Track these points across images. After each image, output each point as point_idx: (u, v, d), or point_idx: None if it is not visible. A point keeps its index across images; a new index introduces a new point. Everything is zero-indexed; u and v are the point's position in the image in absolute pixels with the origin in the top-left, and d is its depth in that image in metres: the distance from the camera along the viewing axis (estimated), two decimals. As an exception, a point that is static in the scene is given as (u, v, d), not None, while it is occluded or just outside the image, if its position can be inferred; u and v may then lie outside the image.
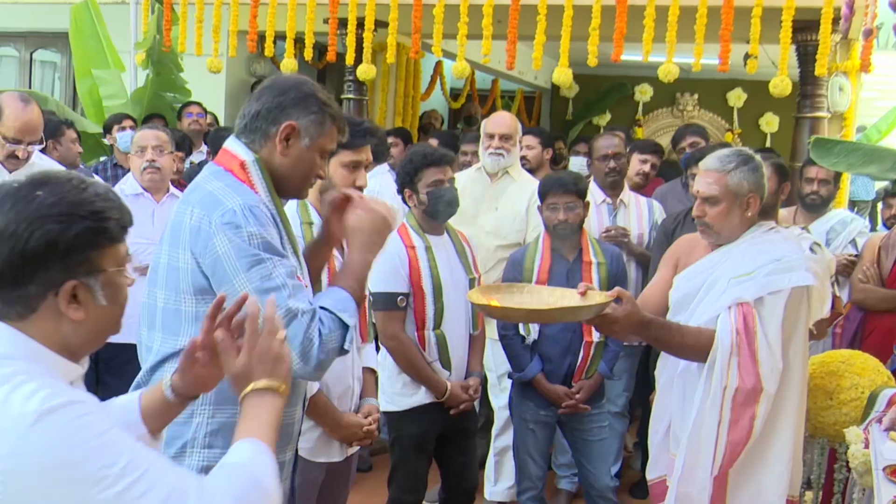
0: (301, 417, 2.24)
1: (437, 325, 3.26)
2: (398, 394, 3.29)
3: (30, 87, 8.64)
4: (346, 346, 2.01)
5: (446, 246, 3.37)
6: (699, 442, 2.64)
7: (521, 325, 3.57)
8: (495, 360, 4.16)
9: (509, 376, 3.76)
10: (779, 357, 2.62)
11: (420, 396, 3.26)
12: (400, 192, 3.38)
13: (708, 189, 2.72)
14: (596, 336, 3.47)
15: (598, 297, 2.67)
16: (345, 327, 1.98)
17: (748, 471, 2.67)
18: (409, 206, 3.36)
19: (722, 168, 2.71)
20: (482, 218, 4.27)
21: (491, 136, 4.31)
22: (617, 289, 2.64)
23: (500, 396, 4.24)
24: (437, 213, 3.27)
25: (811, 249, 3.28)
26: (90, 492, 1.24)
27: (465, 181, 4.36)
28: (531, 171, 4.85)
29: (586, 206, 3.59)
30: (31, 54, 8.94)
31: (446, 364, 3.27)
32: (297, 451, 2.27)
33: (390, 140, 5.34)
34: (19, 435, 1.23)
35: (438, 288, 3.23)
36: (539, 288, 2.98)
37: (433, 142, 5.51)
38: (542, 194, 3.59)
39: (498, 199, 4.30)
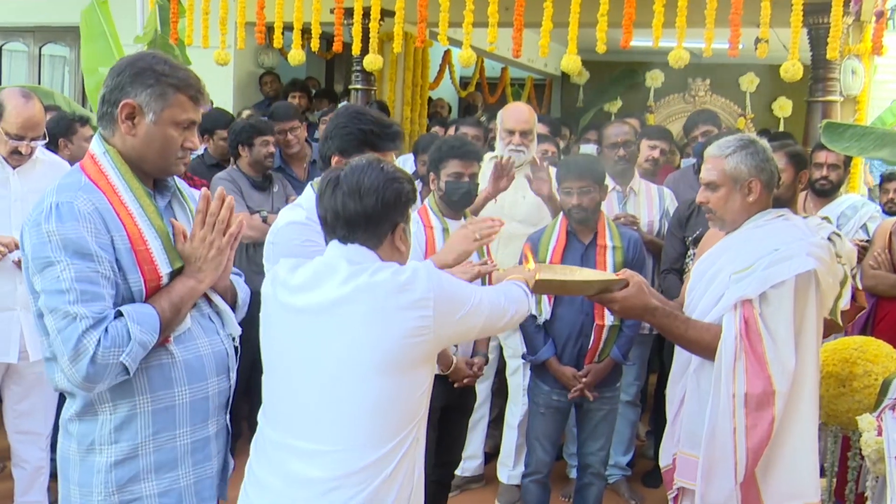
0: (225, 389, 2.18)
1: None
2: None
3: (39, 82, 8.68)
4: (124, 362, 1.91)
5: None
6: (715, 451, 2.58)
7: (533, 305, 3.57)
8: (523, 347, 4.16)
9: (523, 357, 3.79)
10: (789, 354, 2.54)
11: None
12: (426, 174, 3.55)
13: (707, 175, 2.72)
14: (609, 320, 3.48)
15: (610, 276, 2.76)
16: (129, 340, 1.91)
17: (774, 467, 2.59)
18: (432, 189, 3.50)
19: (720, 153, 2.70)
20: (510, 208, 4.24)
21: (511, 133, 4.25)
22: (627, 271, 2.67)
23: (520, 380, 4.25)
24: (451, 203, 3.43)
25: (829, 239, 3.22)
26: (464, 307, 2.06)
27: (484, 169, 4.32)
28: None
29: (604, 189, 3.61)
30: (40, 49, 8.96)
31: None
32: (227, 425, 2.24)
33: (464, 130, 5.32)
34: (430, 283, 1.99)
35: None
36: (575, 269, 2.99)
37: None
38: (559, 178, 3.64)
39: (523, 187, 4.24)
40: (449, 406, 3.38)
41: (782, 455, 2.59)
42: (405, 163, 5.45)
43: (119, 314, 1.93)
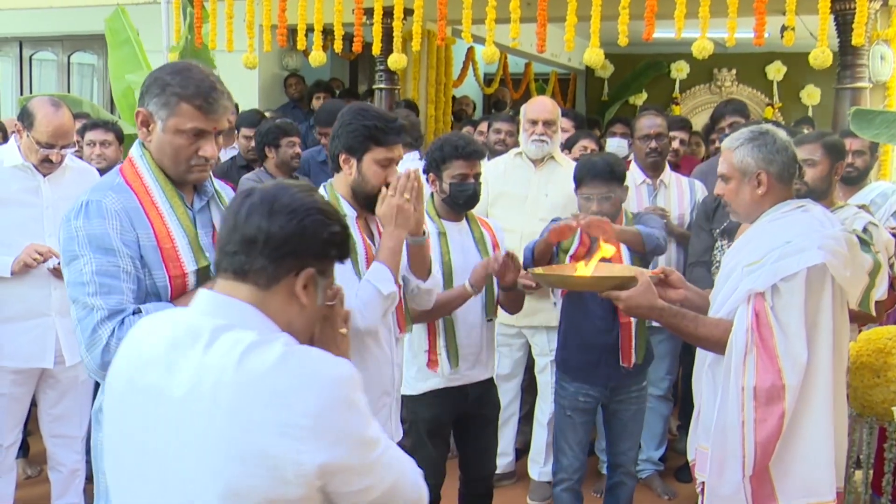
0: None
1: None
2: (413, 378, 3.27)
3: (68, 90, 8.80)
4: None
5: (463, 232, 3.33)
6: (724, 444, 2.57)
7: (550, 292, 3.59)
8: (550, 345, 4.16)
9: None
10: (801, 348, 2.50)
11: (434, 381, 3.23)
12: (426, 173, 3.32)
13: (720, 167, 2.73)
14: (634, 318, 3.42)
15: (627, 272, 2.80)
16: None
17: (787, 463, 2.56)
18: (432, 190, 3.32)
19: (730, 146, 2.70)
20: (533, 205, 4.21)
21: (534, 123, 4.23)
22: (636, 271, 2.66)
23: (549, 378, 4.23)
24: (456, 206, 3.27)
25: (864, 229, 3.18)
26: (364, 453, 1.45)
27: (507, 166, 4.32)
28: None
29: (625, 188, 3.51)
30: (69, 57, 9.09)
31: (452, 348, 3.22)
32: None
33: (497, 125, 5.32)
34: (320, 402, 1.41)
35: (448, 274, 3.21)
36: (614, 266, 3.00)
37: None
38: (577, 181, 3.49)
39: (546, 185, 4.22)
40: (467, 416, 3.32)
41: (795, 451, 2.55)
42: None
43: (138, 311, 2.01)
